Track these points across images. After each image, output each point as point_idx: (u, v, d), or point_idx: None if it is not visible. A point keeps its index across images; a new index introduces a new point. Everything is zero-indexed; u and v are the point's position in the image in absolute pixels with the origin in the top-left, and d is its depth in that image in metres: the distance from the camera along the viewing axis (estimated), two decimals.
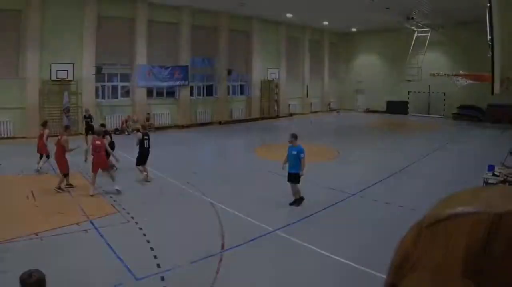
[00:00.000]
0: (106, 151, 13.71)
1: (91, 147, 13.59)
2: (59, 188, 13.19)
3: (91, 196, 12.61)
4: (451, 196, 0.90)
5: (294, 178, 11.82)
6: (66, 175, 13.52)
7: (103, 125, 17.26)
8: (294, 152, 11.73)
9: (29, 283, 4.23)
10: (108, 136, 15.43)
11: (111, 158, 14.46)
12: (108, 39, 27.66)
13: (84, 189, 13.18)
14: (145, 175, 14.71)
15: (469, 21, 33.38)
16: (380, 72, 43.52)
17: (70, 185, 13.71)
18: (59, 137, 14.00)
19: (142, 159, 14.73)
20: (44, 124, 16.30)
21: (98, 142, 13.40)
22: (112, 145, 15.50)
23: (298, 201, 11.96)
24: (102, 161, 13.37)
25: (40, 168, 15.72)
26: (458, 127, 32.52)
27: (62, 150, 13.61)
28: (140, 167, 14.79)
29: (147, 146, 14.75)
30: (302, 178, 11.74)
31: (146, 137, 14.82)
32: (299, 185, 11.89)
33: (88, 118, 22.17)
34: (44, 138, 15.52)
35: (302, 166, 11.65)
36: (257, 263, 8.41)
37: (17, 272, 4.43)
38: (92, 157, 13.34)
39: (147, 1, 28.68)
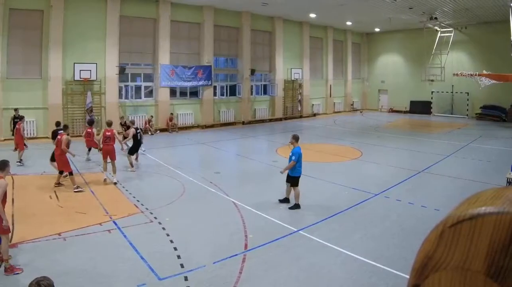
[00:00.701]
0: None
1: (102, 137, 14.62)
2: (77, 187, 12.85)
3: (104, 181, 13.73)
4: (474, 196, 0.88)
5: (291, 180, 11.45)
6: (71, 173, 13.09)
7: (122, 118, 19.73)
8: (290, 153, 11.44)
9: None
10: (133, 129, 16.54)
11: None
12: (131, 39, 26.76)
13: (105, 189, 12.82)
14: (134, 162, 16.23)
15: (492, 21, 32.65)
16: (403, 72, 42.07)
17: (59, 184, 13.38)
18: (59, 136, 13.51)
19: (134, 149, 16.55)
20: (91, 123, 17.89)
21: (108, 133, 14.40)
22: (136, 139, 16.40)
23: (295, 205, 11.41)
24: (111, 150, 14.15)
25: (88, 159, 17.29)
26: (481, 127, 31.06)
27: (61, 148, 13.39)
28: (133, 156, 16.48)
29: (139, 138, 16.56)
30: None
31: (138, 131, 16.62)
32: (298, 189, 11.43)
33: (124, 125, 20.89)
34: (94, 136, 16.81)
35: (288, 166, 11.34)
36: (280, 263, 8.09)
37: (41, 272, 4.61)
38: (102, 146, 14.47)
39: (169, 1, 27.57)
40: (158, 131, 27.00)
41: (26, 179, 14.20)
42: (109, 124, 15.05)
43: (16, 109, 20.00)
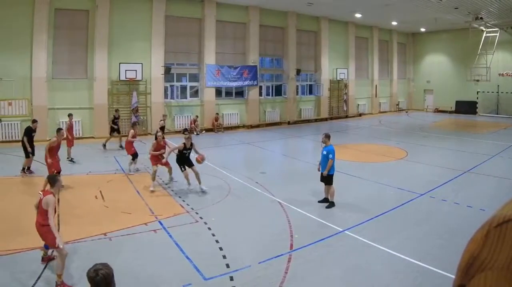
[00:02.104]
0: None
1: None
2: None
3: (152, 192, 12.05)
4: None
5: (325, 179, 10.66)
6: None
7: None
8: (325, 152, 10.59)
9: (96, 280, 3.72)
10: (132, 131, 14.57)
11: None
12: (177, 39, 24.53)
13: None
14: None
15: None
16: (449, 72, 38.38)
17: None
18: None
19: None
20: (134, 125, 15.53)
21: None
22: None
23: (330, 204, 10.68)
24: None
25: (130, 170, 14.25)
26: None
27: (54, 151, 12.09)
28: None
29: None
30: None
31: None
32: (332, 187, 10.68)
33: (117, 119, 19.06)
34: (129, 137, 14.37)
35: (328, 166, 10.43)
36: (326, 263, 7.62)
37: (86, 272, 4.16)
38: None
39: (215, 1, 25.13)
40: (204, 131, 24.81)
41: (71, 178, 13.07)
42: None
43: (116, 110, 19.34)
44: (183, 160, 12.04)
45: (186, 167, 11.96)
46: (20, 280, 6.70)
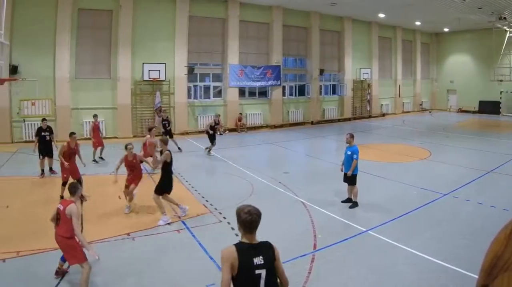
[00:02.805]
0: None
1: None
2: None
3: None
4: None
5: (349, 179, 10.13)
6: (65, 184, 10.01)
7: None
8: (349, 152, 10.07)
9: (253, 219, 3.44)
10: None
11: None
12: (200, 39, 23.32)
13: (174, 190, 10.30)
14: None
15: None
16: (472, 72, 36.39)
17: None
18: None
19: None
20: (150, 129, 13.88)
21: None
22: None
23: (353, 203, 10.12)
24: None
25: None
26: None
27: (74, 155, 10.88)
28: None
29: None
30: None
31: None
32: (356, 187, 10.15)
33: (165, 121, 17.56)
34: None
35: (352, 166, 9.90)
36: (349, 263, 7.14)
37: (111, 272, 4.97)
38: None
39: (238, 1, 23.88)
40: (227, 131, 23.76)
41: (95, 179, 12.53)
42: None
43: (164, 111, 18.43)
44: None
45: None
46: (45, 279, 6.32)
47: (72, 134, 11.20)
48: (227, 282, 3.23)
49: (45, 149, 12.68)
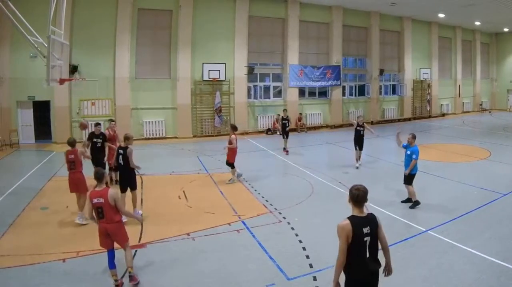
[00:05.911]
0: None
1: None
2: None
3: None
4: None
5: (405, 178, 8.13)
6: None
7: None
8: (409, 152, 8.15)
9: (361, 194, 3.46)
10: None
11: None
12: (260, 39, 19.12)
13: (234, 190, 9.56)
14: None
15: None
16: None
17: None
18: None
19: None
20: (234, 128, 10.58)
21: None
22: None
23: (414, 203, 8.10)
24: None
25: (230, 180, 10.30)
26: None
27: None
28: None
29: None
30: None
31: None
32: (411, 187, 8.14)
33: (285, 120, 14.50)
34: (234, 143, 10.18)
35: (410, 166, 8.01)
36: (409, 263, 5.68)
37: (170, 272, 4.61)
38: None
39: (298, 1, 19.40)
40: (278, 132, 20.07)
41: (154, 179, 10.77)
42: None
43: (284, 110, 15.35)
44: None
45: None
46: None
47: (111, 121, 10.00)
48: (344, 251, 3.33)
49: (94, 158, 8.74)
